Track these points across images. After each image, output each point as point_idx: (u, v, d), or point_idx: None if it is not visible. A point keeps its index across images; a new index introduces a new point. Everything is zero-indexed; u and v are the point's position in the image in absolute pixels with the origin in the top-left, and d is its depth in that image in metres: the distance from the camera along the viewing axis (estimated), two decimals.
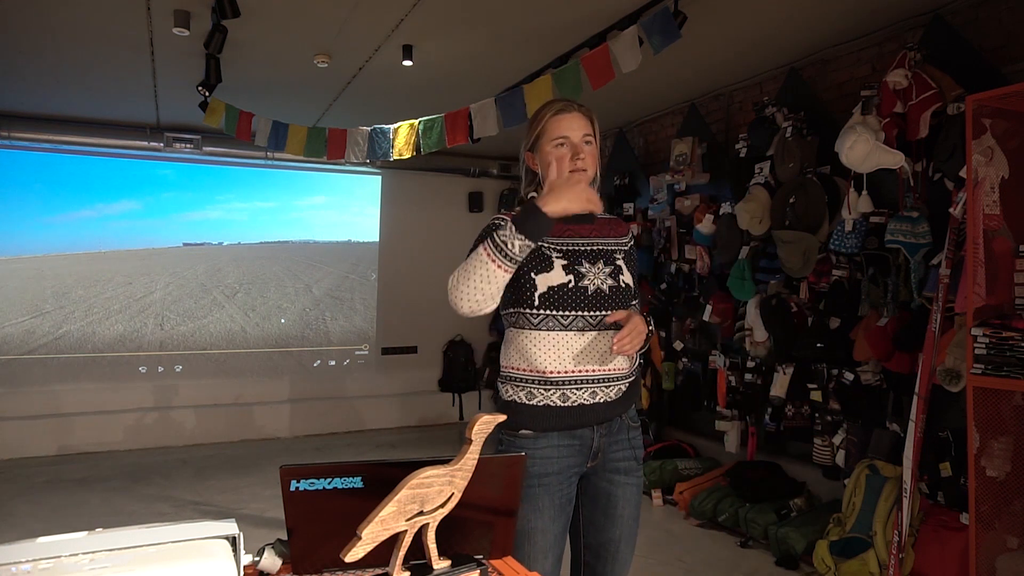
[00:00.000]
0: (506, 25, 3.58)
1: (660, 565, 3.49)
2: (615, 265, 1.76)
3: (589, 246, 1.75)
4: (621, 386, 1.73)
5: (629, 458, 1.78)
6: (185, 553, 1.05)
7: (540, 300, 1.68)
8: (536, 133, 1.76)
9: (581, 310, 1.68)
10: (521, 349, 1.71)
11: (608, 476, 1.76)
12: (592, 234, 1.78)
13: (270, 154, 5.97)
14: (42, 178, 5.86)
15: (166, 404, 6.14)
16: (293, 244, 6.85)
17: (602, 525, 1.77)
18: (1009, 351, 2.45)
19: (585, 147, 1.73)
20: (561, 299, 1.68)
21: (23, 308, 5.82)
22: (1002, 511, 2.56)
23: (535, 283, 1.68)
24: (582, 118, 1.74)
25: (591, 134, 1.75)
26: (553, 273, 1.68)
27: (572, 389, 1.67)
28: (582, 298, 1.69)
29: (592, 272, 1.72)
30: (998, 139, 2.60)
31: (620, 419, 1.76)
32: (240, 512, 4.28)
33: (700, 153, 4.60)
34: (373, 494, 1.13)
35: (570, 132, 1.72)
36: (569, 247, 1.73)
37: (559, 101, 1.78)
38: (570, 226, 1.76)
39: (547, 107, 1.78)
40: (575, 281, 1.69)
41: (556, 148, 1.73)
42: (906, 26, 3.44)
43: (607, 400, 1.70)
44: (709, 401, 4.56)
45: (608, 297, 1.71)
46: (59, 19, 3.50)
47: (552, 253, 1.71)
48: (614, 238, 1.82)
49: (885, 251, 3.30)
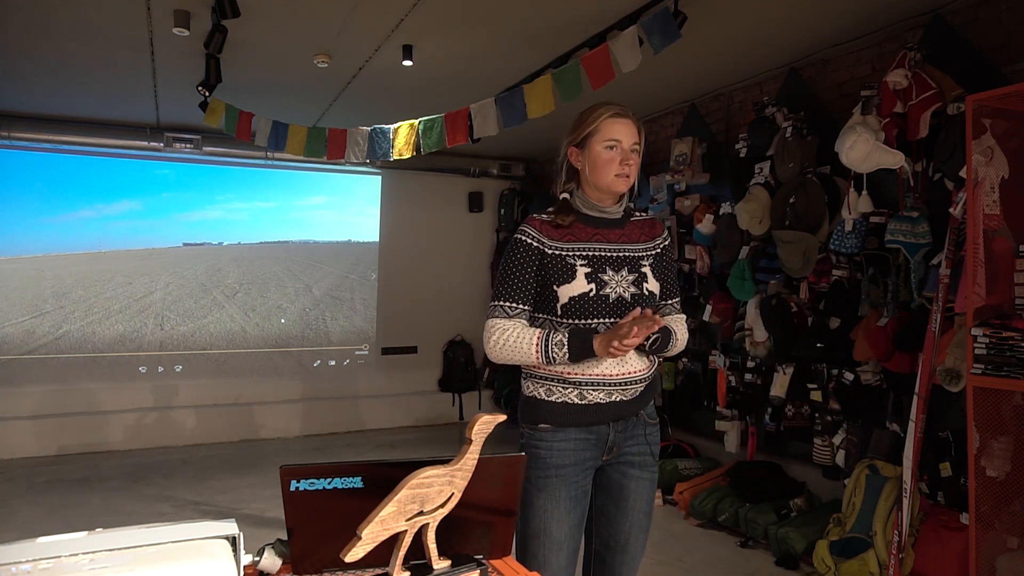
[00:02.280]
0: (506, 25, 3.58)
1: (660, 565, 3.49)
2: (640, 272, 1.80)
3: (615, 252, 1.80)
4: (638, 387, 1.80)
5: (644, 453, 1.85)
6: (185, 553, 1.05)
7: (563, 310, 1.75)
8: (588, 131, 1.78)
9: (603, 317, 1.74)
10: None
11: (622, 469, 1.83)
12: (621, 239, 1.82)
13: (270, 154, 5.97)
14: (42, 178, 5.86)
15: (166, 404, 6.14)
16: (293, 244, 6.85)
17: (613, 516, 1.83)
18: (1009, 351, 2.45)
19: (632, 155, 1.77)
20: (583, 308, 1.74)
21: (23, 308, 5.82)
22: (1002, 511, 2.56)
23: (557, 294, 1.75)
24: (633, 126, 1.79)
25: (639, 144, 1.79)
26: (575, 283, 1.74)
27: (589, 389, 1.74)
28: (604, 306, 1.74)
29: (615, 280, 1.77)
30: (998, 139, 2.60)
31: (637, 416, 1.83)
32: (240, 512, 4.27)
33: (700, 153, 4.60)
34: (373, 494, 1.13)
35: (623, 137, 1.76)
36: (594, 253, 1.78)
37: (615, 105, 1.81)
38: (599, 230, 1.81)
39: (603, 108, 1.79)
40: (596, 289, 1.74)
41: (607, 150, 1.76)
42: (906, 26, 3.44)
43: (622, 399, 1.77)
44: (709, 401, 4.56)
45: (631, 305, 1.75)
46: (59, 19, 3.50)
47: (576, 261, 1.76)
48: (644, 243, 1.85)
49: (885, 251, 3.30)
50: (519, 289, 1.77)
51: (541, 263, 1.77)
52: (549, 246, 1.77)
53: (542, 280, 1.77)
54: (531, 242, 1.77)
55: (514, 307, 1.77)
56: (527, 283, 1.77)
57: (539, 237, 1.77)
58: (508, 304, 1.77)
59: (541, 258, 1.76)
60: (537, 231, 1.78)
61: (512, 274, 1.77)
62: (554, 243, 1.77)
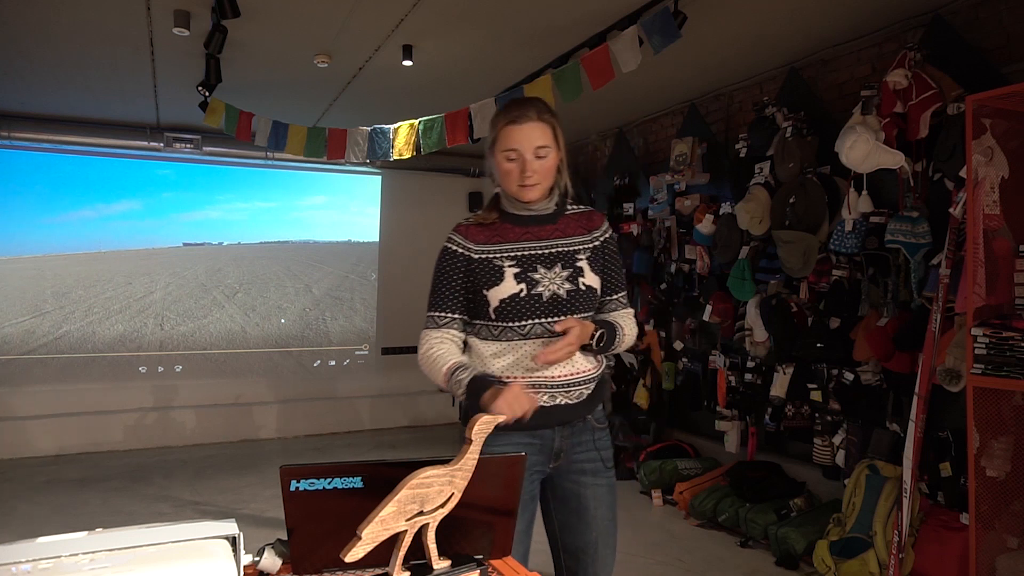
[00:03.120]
0: (506, 25, 3.58)
1: (660, 565, 3.49)
2: (575, 267, 1.72)
3: (546, 249, 1.72)
4: (584, 390, 1.73)
5: (595, 460, 1.76)
6: (185, 553, 1.05)
7: (496, 314, 1.68)
8: (491, 138, 1.72)
9: (538, 317, 1.67)
10: (482, 357, 1.72)
11: (574, 477, 1.75)
12: (553, 235, 1.74)
13: (270, 154, 5.98)
14: (42, 178, 5.86)
15: (166, 404, 6.14)
16: (293, 244, 6.86)
17: (577, 528, 1.76)
18: (1009, 351, 2.45)
19: (537, 162, 1.66)
20: (515, 309, 1.67)
21: (23, 308, 5.82)
22: (1002, 511, 2.56)
23: (487, 299, 1.69)
24: (538, 128, 1.66)
25: (547, 145, 1.67)
26: (504, 285, 1.68)
27: (532, 392, 1.65)
28: (537, 306, 1.67)
29: (548, 278, 1.69)
30: (998, 139, 2.60)
31: (584, 421, 1.75)
32: (240, 512, 4.28)
33: (700, 153, 4.60)
34: (373, 494, 1.13)
35: (520, 145, 1.66)
36: (523, 252, 1.71)
37: (515, 108, 1.69)
38: (529, 228, 1.74)
39: (503, 113, 1.71)
40: (528, 289, 1.67)
41: (507, 160, 1.68)
42: (906, 26, 3.44)
43: (567, 403, 1.70)
44: (709, 401, 4.56)
45: (566, 302, 1.68)
46: (59, 19, 3.50)
47: (504, 262, 1.70)
48: (579, 236, 1.76)
49: (885, 251, 3.30)
50: (446, 298, 1.72)
51: (468, 269, 1.71)
52: (476, 251, 1.71)
53: (472, 286, 1.71)
54: (456, 249, 1.73)
55: (442, 316, 1.73)
56: (454, 291, 1.72)
57: (464, 243, 1.73)
58: (437, 314, 1.73)
59: (468, 264, 1.71)
60: (462, 237, 1.74)
61: (439, 283, 1.73)
62: (481, 247, 1.72)
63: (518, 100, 1.74)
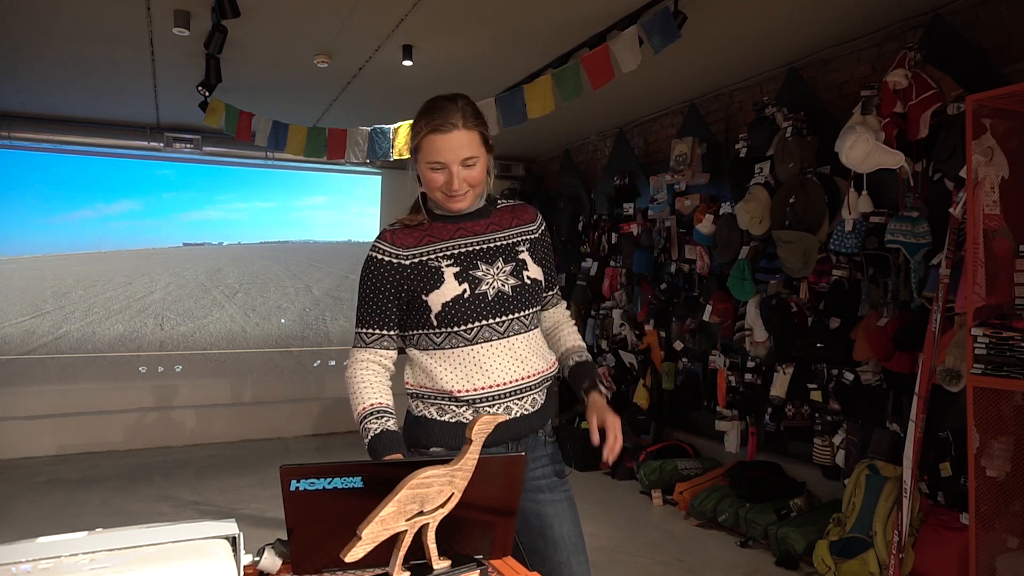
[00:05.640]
0: (506, 25, 3.58)
1: (660, 565, 3.49)
2: (517, 260, 1.62)
3: (485, 243, 1.61)
4: (536, 395, 1.62)
5: (549, 474, 1.67)
6: (185, 553, 1.05)
7: (438, 320, 1.55)
8: (414, 145, 1.59)
9: (484, 319, 1.55)
10: (426, 369, 1.60)
11: (532, 496, 1.64)
12: (489, 229, 1.63)
13: (270, 154, 5.97)
14: (42, 178, 5.86)
15: (166, 404, 6.14)
16: (293, 244, 6.86)
17: (545, 551, 1.64)
18: (1009, 351, 2.45)
19: (465, 171, 1.54)
20: (459, 313, 1.54)
21: (23, 308, 5.82)
22: (1002, 511, 2.56)
23: (427, 304, 1.55)
24: (464, 136, 1.52)
25: (475, 155, 1.54)
26: (445, 287, 1.55)
27: (485, 407, 1.56)
28: (483, 306, 1.55)
29: (491, 274, 1.58)
30: (998, 139, 2.60)
31: (536, 435, 1.66)
32: (240, 512, 4.27)
33: (700, 153, 4.60)
34: (373, 494, 1.13)
35: (444, 156, 1.52)
36: (461, 249, 1.59)
37: (437, 114, 1.53)
38: (462, 224, 1.62)
39: (423, 119, 1.55)
40: (471, 289, 1.55)
41: (431, 171, 1.55)
42: (906, 26, 3.44)
43: (523, 414, 1.59)
44: (709, 401, 4.56)
45: (512, 299, 1.58)
46: (59, 19, 3.50)
47: (441, 262, 1.57)
48: (516, 227, 1.67)
49: (885, 251, 3.30)
50: (374, 313, 1.59)
51: (400, 278, 1.57)
52: (406, 256, 1.57)
53: (408, 294, 1.57)
54: (383, 257, 1.58)
55: (370, 333, 1.60)
56: (384, 305, 1.58)
57: (391, 250, 1.58)
58: (364, 331, 1.60)
59: (398, 273, 1.57)
60: (389, 243, 1.59)
61: (366, 297, 1.59)
62: (411, 251, 1.58)
63: (440, 102, 1.56)
